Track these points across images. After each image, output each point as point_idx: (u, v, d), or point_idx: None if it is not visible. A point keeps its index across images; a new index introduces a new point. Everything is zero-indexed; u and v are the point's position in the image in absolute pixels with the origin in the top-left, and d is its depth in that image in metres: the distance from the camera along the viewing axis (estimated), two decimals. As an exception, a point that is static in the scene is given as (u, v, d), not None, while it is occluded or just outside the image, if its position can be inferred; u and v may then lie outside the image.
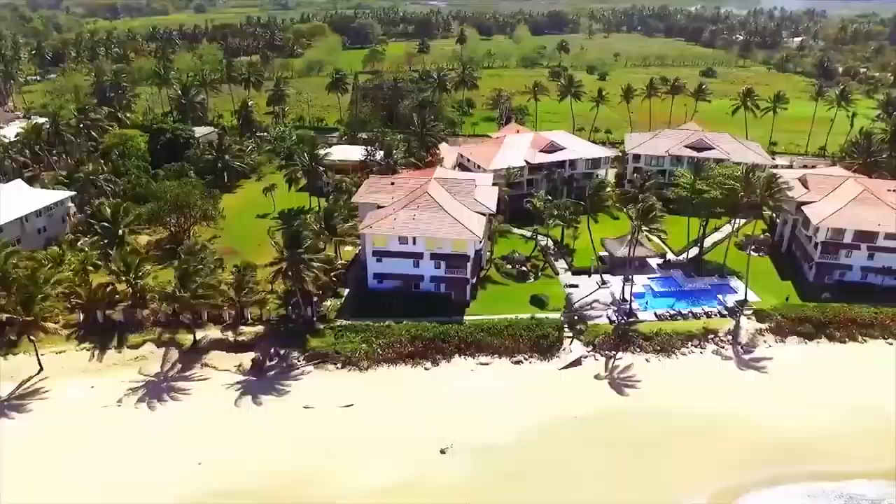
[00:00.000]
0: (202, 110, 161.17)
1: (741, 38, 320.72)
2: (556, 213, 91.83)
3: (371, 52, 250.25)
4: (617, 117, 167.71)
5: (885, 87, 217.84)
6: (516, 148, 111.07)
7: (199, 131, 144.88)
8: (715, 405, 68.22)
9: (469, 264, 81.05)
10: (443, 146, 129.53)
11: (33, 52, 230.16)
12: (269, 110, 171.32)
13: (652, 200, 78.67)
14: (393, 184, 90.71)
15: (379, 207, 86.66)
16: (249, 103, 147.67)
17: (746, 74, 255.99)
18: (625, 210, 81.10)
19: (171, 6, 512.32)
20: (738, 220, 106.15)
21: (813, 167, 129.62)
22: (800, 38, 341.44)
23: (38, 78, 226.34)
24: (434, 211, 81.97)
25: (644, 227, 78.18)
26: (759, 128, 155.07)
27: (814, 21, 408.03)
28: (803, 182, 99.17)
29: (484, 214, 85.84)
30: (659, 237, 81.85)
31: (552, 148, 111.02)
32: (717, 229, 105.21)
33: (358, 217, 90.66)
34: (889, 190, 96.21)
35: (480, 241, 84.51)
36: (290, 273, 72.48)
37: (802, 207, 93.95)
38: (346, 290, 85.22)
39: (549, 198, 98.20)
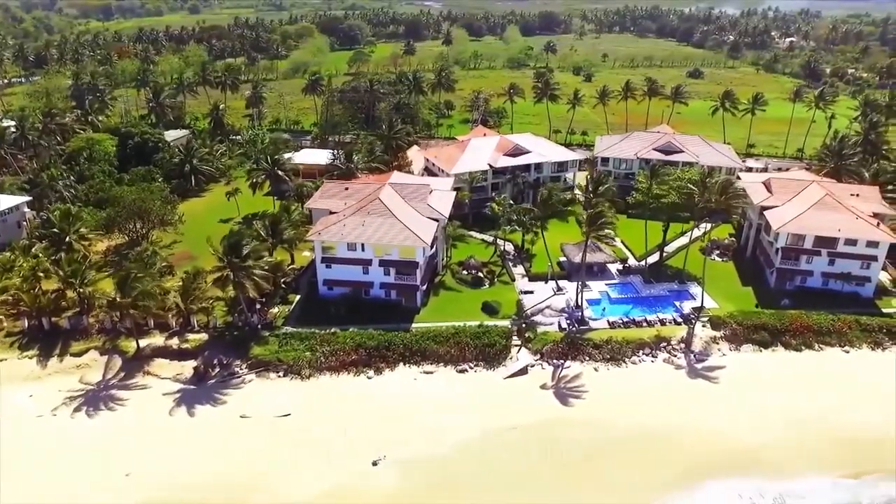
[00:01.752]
0: (175, 113, 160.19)
1: (732, 38, 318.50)
2: (514, 217, 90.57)
3: (356, 54, 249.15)
4: (597, 119, 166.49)
5: (873, 88, 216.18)
6: (481, 151, 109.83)
7: (173, 134, 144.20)
8: (661, 415, 67.11)
9: (418, 271, 79.88)
10: (413, 149, 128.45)
11: (16, 54, 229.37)
12: (248, 113, 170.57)
13: (601, 207, 77.12)
14: (347, 189, 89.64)
15: (331, 213, 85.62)
16: (220, 106, 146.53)
17: (734, 75, 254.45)
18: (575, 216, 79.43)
19: (165, 7, 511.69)
20: (705, 225, 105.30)
21: (787, 170, 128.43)
22: (791, 39, 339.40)
23: (23, 80, 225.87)
24: (384, 217, 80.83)
25: (592, 234, 76.64)
26: (740, 129, 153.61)
27: (806, 21, 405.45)
28: (767, 186, 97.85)
29: (436, 220, 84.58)
30: (608, 244, 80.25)
31: (516, 151, 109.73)
32: (683, 233, 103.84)
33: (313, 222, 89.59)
34: (852, 194, 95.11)
35: (432, 248, 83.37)
36: (229, 280, 71.22)
37: (764, 212, 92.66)
38: (298, 297, 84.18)
39: (511, 202, 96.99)
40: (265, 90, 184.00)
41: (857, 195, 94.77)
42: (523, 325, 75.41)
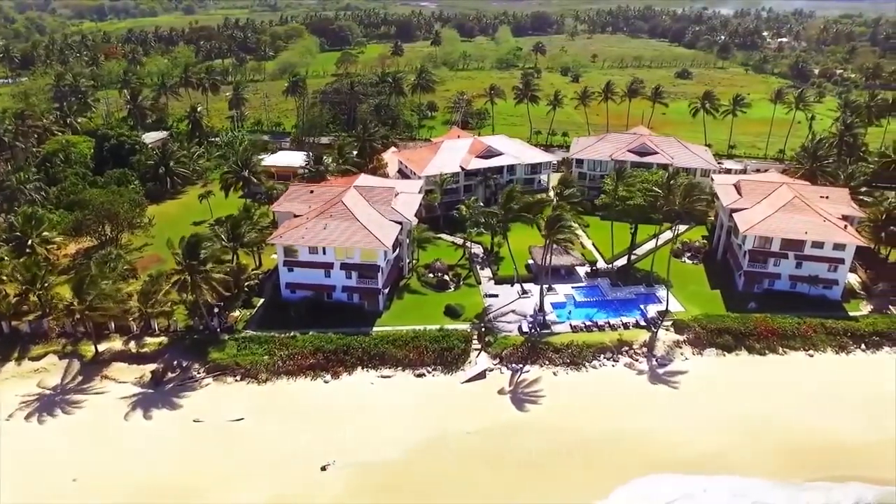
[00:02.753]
0: (158, 115, 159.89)
1: (723, 38, 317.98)
2: (482, 220, 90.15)
3: (344, 55, 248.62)
4: (580, 120, 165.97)
5: (860, 88, 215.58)
6: (453, 153, 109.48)
7: (152, 136, 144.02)
8: (617, 420, 66.76)
9: (380, 274, 79.51)
10: (390, 151, 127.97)
11: (2, 54, 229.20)
12: (231, 114, 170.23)
13: (560, 210, 76.67)
14: (312, 192, 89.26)
15: (295, 216, 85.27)
16: (199, 108, 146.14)
17: (723, 76, 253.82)
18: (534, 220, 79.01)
19: (159, 8, 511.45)
20: (677, 227, 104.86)
21: (766, 171, 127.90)
22: (783, 40, 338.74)
23: (9, 80, 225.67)
24: (346, 220, 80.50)
25: (551, 238, 76.22)
26: (724, 130, 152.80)
27: (799, 22, 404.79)
28: (737, 188, 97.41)
29: (400, 223, 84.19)
30: (568, 247, 79.88)
31: (489, 153, 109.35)
32: (655, 236, 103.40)
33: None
34: (822, 196, 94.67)
35: (394, 251, 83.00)
36: (187, 283, 70.88)
37: (733, 214, 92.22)
38: (261, 300, 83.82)
39: (481, 204, 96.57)
40: (250, 91, 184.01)
41: (827, 197, 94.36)
42: (482, 329, 74.98)
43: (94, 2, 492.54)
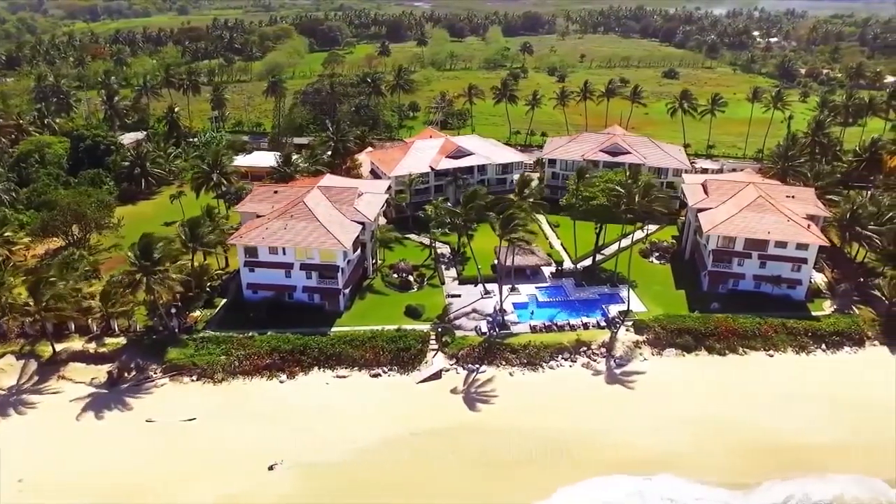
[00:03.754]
0: (137, 115, 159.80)
1: (713, 38, 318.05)
2: (447, 220, 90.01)
3: (331, 55, 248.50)
4: (563, 119, 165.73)
5: (845, 88, 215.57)
6: (423, 153, 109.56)
7: (130, 137, 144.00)
8: (569, 421, 66.67)
9: (340, 274, 79.50)
10: (366, 151, 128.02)
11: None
12: (214, 115, 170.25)
13: (512, 210, 76.64)
14: (276, 192, 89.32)
15: (258, 216, 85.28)
16: (176, 109, 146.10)
17: (710, 76, 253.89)
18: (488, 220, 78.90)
19: (153, 8, 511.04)
20: (647, 227, 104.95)
21: (742, 171, 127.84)
22: (773, 39, 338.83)
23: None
24: (306, 220, 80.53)
25: (504, 238, 76.21)
26: (704, 130, 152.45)
27: (791, 22, 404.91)
28: (704, 187, 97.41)
29: (362, 223, 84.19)
30: (528, 248, 79.83)
31: (459, 153, 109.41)
32: (625, 235, 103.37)
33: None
34: (788, 196, 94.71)
35: (355, 251, 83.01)
36: (140, 284, 70.87)
37: (698, 214, 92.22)
38: (224, 301, 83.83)
39: (449, 204, 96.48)
40: (234, 92, 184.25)
41: (793, 197, 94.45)
42: (439, 330, 74.93)
43: (87, 2, 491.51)
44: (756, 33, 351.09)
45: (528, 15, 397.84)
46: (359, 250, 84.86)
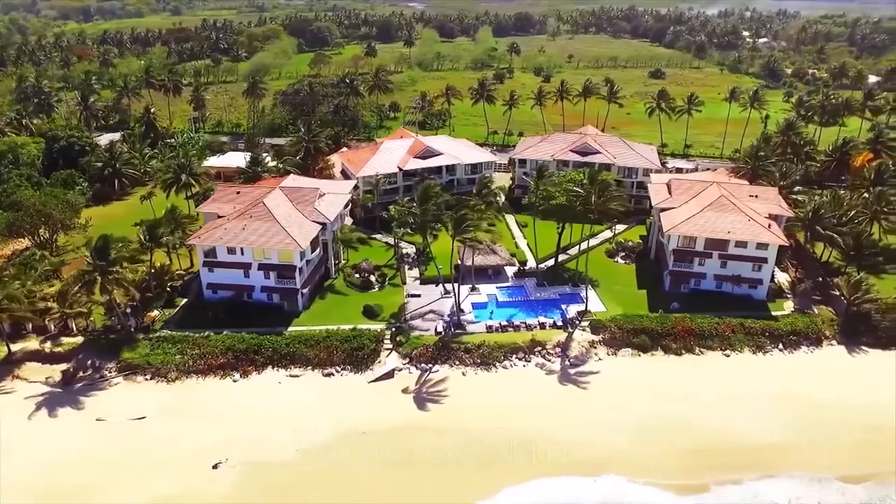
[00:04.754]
0: (117, 116, 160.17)
1: (703, 38, 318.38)
2: (409, 220, 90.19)
3: (317, 56, 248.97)
4: (542, 119, 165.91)
5: (830, 88, 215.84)
6: (392, 153, 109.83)
7: (107, 138, 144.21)
8: (519, 421, 66.56)
9: (297, 274, 79.72)
10: (339, 152, 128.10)
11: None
12: (194, 115, 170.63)
13: (465, 210, 76.84)
14: (238, 193, 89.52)
15: (220, 217, 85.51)
16: (152, 109, 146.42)
17: (697, 76, 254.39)
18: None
19: (146, 9, 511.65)
20: (616, 227, 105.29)
21: (716, 170, 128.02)
22: (763, 40, 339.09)
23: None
24: (265, 221, 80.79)
25: (457, 238, 76.44)
26: (684, 130, 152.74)
27: (782, 22, 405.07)
28: (669, 187, 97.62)
29: (322, 224, 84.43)
30: (476, 247, 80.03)
31: (427, 154, 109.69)
32: (593, 235, 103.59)
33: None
34: (751, 196, 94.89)
35: (314, 251, 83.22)
36: (95, 283, 71.10)
37: (661, 214, 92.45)
38: (185, 300, 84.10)
39: (414, 204, 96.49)
40: (217, 93, 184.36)
41: (756, 196, 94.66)
42: (392, 330, 75.12)
43: (80, 3, 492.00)
44: (746, 33, 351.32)
45: (520, 15, 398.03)
46: (318, 250, 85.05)
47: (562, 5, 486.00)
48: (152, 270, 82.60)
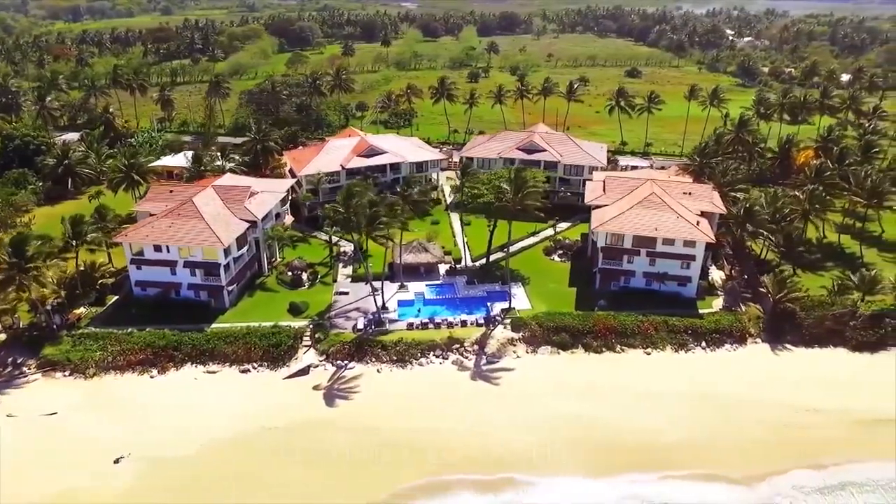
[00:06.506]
0: (85, 115, 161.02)
1: (683, 37, 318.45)
2: (340, 219, 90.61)
3: (294, 56, 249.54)
4: (503, 118, 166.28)
5: (806, 87, 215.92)
6: (336, 152, 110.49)
7: (69, 137, 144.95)
8: (426, 418, 66.97)
9: (222, 271, 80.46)
10: (290, 151, 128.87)
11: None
12: (162, 115, 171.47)
13: (376, 208, 77.47)
14: (171, 192, 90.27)
15: (151, 215, 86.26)
16: (111, 108, 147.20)
17: (674, 74, 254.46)
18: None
19: (136, 9, 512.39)
20: (560, 224, 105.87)
21: (668, 168, 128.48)
22: (747, 39, 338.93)
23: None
24: (192, 219, 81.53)
25: (369, 236, 77.18)
26: (652, 126, 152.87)
27: (770, 21, 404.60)
28: (604, 185, 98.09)
29: (252, 222, 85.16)
30: (383, 245, 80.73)
31: (371, 152, 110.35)
32: (535, 233, 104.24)
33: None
34: (685, 193, 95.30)
35: (241, 248, 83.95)
36: (13, 282, 71.89)
37: (592, 211, 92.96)
38: (115, 298, 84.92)
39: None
40: (191, 92, 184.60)
41: (690, 194, 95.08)
42: (311, 327, 75.81)
43: (69, 3, 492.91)
44: (730, 32, 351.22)
45: (505, 14, 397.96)
46: (246, 248, 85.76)
47: (549, 5, 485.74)
48: (80, 268, 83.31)
